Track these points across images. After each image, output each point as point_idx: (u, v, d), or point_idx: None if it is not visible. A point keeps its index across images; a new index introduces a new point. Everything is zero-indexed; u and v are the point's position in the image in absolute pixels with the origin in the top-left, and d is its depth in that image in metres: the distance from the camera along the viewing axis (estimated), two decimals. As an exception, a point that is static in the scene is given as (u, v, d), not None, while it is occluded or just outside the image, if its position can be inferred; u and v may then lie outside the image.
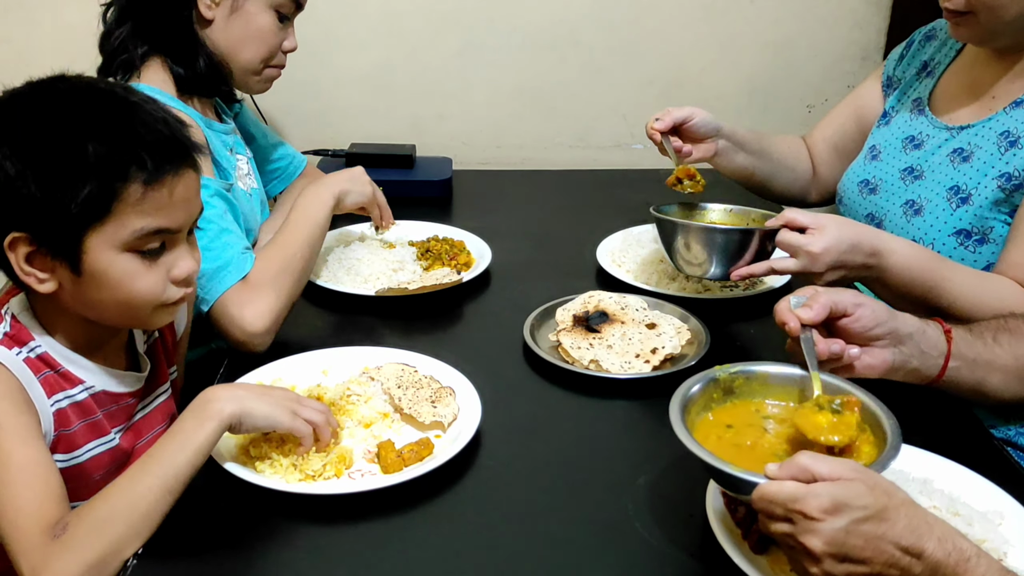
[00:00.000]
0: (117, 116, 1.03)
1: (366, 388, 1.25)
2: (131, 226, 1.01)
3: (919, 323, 1.13)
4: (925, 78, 1.62)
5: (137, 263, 1.04)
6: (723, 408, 1.06)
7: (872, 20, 2.44)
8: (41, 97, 1.04)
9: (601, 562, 0.99)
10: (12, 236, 1.00)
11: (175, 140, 1.06)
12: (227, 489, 1.06)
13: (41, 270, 1.02)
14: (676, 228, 1.46)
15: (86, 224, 1.00)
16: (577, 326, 1.39)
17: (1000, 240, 1.40)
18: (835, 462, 0.84)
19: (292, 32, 1.59)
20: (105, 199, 0.99)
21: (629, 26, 2.38)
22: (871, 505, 0.81)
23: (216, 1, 1.48)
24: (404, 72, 2.37)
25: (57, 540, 0.93)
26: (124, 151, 1.00)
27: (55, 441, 1.06)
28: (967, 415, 1.26)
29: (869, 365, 1.10)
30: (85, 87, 1.06)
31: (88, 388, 1.10)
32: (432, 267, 1.63)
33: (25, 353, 1.05)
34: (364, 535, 1.02)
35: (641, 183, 2.12)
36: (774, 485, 0.84)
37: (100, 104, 1.04)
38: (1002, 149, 1.40)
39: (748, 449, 1.00)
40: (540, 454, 1.17)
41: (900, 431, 0.95)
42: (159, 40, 1.48)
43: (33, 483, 0.97)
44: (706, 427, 1.03)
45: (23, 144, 0.99)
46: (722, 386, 1.06)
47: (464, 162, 2.31)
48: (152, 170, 1.01)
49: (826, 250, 1.25)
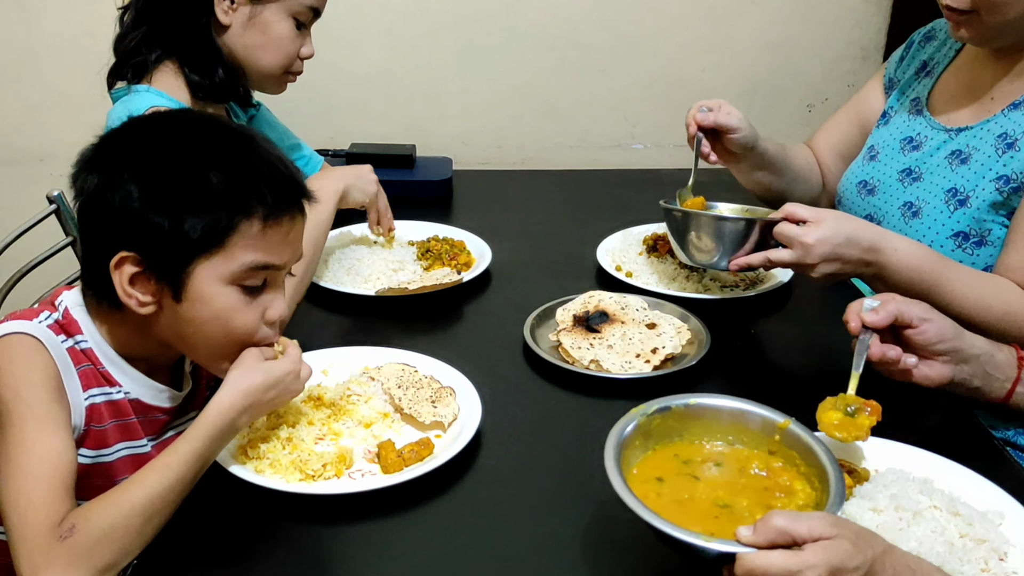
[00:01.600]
0: (240, 150, 1.05)
1: (366, 388, 1.25)
2: (241, 259, 1.03)
3: (989, 346, 1.16)
4: (924, 78, 1.62)
5: (239, 297, 1.05)
6: (646, 458, 1.01)
7: (872, 20, 2.44)
8: (166, 125, 1.07)
9: (601, 562, 0.99)
10: (121, 255, 1.01)
11: (294, 181, 1.08)
12: (227, 489, 1.06)
13: (143, 292, 1.03)
14: (686, 218, 1.48)
15: (198, 252, 1.01)
16: (577, 326, 1.39)
17: (998, 242, 1.39)
18: (811, 519, 0.82)
19: (309, 39, 1.58)
20: (224, 230, 1.01)
21: (630, 26, 2.38)
22: (862, 564, 0.80)
23: (233, 7, 1.47)
24: (404, 72, 2.37)
25: (64, 542, 0.92)
26: (248, 185, 1.02)
27: (84, 435, 1.06)
28: (967, 415, 1.26)
29: (926, 376, 1.13)
30: (209, 119, 1.10)
31: (124, 392, 1.10)
32: (432, 267, 1.63)
33: (70, 343, 1.06)
34: (364, 535, 1.02)
35: (641, 183, 2.12)
36: (761, 557, 0.81)
37: (224, 137, 1.06)
38: (1000, 151, 1.40)
39: (689, 503, 0.96)
40: (540, 454, 1.17)
41: (835, 459, 0.95)
42: (175, 45, 1.48)
43: (51, 477, 0.96)
44: (638, 484, 0.96)
45: (146, 168, 1.01)
46: (641, 432, 1.01)
47: (464, 162, 2.31)
48: (272, 206, 1.03)
49: (820, 241, 1.26)
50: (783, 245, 1.32)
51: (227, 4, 1.47)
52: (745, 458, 1.01)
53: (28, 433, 0.97)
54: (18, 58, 2.27)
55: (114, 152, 1.04)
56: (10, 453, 0.97)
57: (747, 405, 1.03)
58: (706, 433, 1.04)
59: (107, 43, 1.50)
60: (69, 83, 2.29)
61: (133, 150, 1.04)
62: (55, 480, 0.96)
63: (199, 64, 1.48)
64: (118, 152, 1.04)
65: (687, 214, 1.49)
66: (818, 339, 1.49)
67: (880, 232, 1.31)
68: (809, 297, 1.58)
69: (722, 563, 0.84)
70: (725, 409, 1.03)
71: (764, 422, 1.01)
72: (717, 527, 0.91)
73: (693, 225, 1.47)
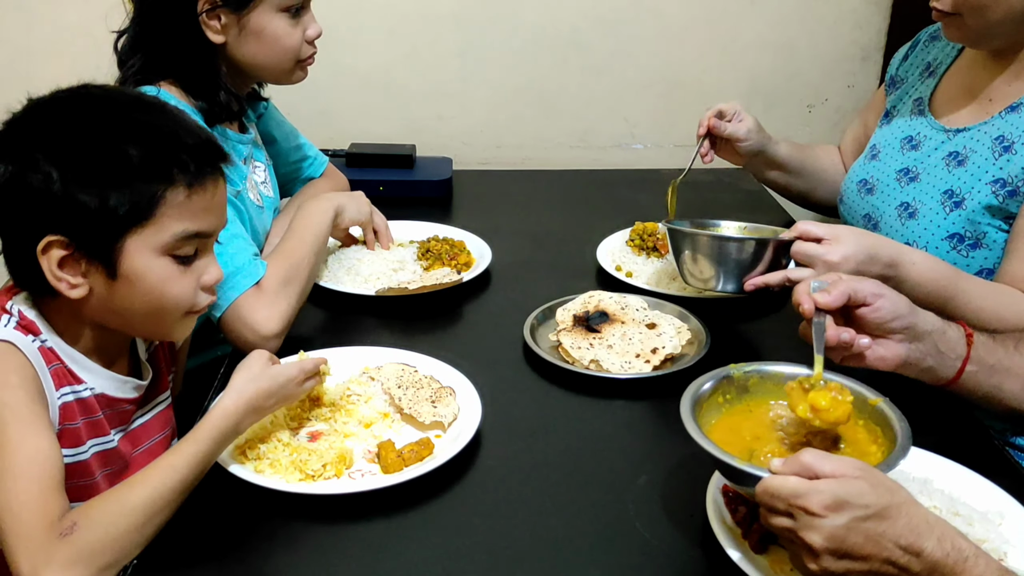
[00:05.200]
0: (155, 120, 1.04)
1: (366, 388, 1.25)
2: (171, 229, 1.02)
3: (940, 323, 1.12)
4: (927, 78, 1.61)
5: (173, 267, 1.04)
6: (735, 408, 1.07)
7: (872, 20, 2.44)
8: (72, 103, 1.05)
9: (601, 562, 0.99)
10: (48, 240, 0.99)
11: (212, 144, 1.07)
12: (227, 489, 1.06)
13: (73, 275, 1.02)
14: (687, 239, 1.41)
15: (128, 226, 1.00)
16: (577, 326, 1.39)
17: (993, 245, 1.39)
18: (839, 460, 0.85)
19: (312, 19, 1.53)
20: (150, 202, 1.00)
21: (630, 27, 2.38)
22: (873, 504, 0.82)
23: (222, 23, 1.44)
24: (404, 72, 2.37)
25: (64, 540, 0.91)
26: (167, 154, 1.01)
27: (60, 434, 1.06)
28: (967, 415, 1.26)
29: (881, 357, 1.09)
30: (117, 93, 1.08)
31: (89, 389, 1.10)
32: (432, 267, 1.63)
33: (38, 343, 1.05)
34: (364, 535, 1.02)
35: (641, 183, 2.12)
36: (777, 479, 0.85)
37: (136, 108, 1.05)
38: (996, 154, 1.39)
39: (756, 443, 1.01)
40: (540, 454, 1.17)
41: (911, 435, 0.95)
42: (174, 72, 1.44)
43: (40, 476, 0.96)
44: (716, 423, 1.04)
45: (62, 148, 0.99)
46: (736, 384, 1.07)
47: (464, 162, 2.30)
48: (194, 173, 1.03)
49: (845, 259, 1.22)
50: (798, 263, 1.28)
51: (215, 24, 1.43)
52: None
53: (12, 435, 0.97)
54: (18, 58, 2.28)
55: (23, 136, 1.02)
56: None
57: (838, 377, 1.04)
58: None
59: (107, 43, 1.49)
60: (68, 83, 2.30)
61: (44, 131, 1.01)
62: (45, 478, 0.96)
63: (200, 89, 1.45)
64: (27, 135, 1.01)
65: (688, 235, 1.41)
66: (818, 339, 1.49)
67: (896, 246, 1.28)
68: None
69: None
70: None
71: (856, 395, 1.02)
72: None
73: (696, 247, 1.39)
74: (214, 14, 1.43)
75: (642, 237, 1.70)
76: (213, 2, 1.42)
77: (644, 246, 1.69)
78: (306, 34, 1.53)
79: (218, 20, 1.44)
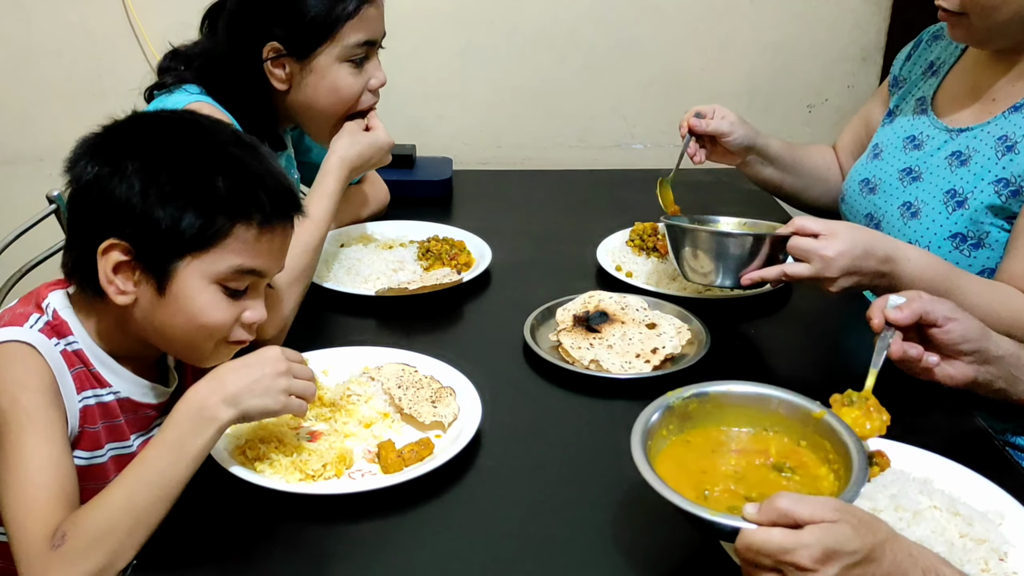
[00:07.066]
0: (247, 157, 1.07)
1: (366, 388, 1.25)
2: (229, 261, 1.04)
3: (1014, 347, 1.14)
4: (930, 78, 1.61)
5: (219, 297, 1.06)
6: (677, 439, 1.03)
7: (872, 20, 2.44)
8: (174, 124, 1.09)
9: (601, 562, 0.99)
10: (111, 242, 1.01)
11: (291, 193, 1.10)
12: (227, 489, 1.06)
13: (125, 282, 1.04)
14: (685, 234, 1.42)
15: (189, 249, 1.03)
16: (577, 326, 1.39)
17: (996, 245, 1.39)
18: (815, 503, 0.83)
19: (376, 66, 1.53)
20: (219, 232, 1.03)
21: (629, 26, 2.38)
22: (859, 548, 0.81)
23: (286, 73, 1.45)
24: (404, 72, 2.36)
25: (57, 551, 0.92)
26: (249, 192, 1.04)
27: (79, 437, 1.06)
28: (967, 415, 1.26)
29: (949, 375, 1.12)
30: (221, 126, 1.12)
31: (115, 392, 1.10)
32: (432, 267, 1.63)
33: (63, 345, 1.06)
34: (364, 535, 1.02)
35: (641, 183, 2.11)
36: (760, 534, 0.82)
37: (233, 143, 1.08)
38: (999, 154, 1.40)
39: (704, 478, 0.98)
40: (540, 454, 1.17)
41: (863, 448, 0.95)
42: (235, 107, 1.45)
43: (49, 484, 0.97)
44: (661, 458, 0.99)
45: (151, 163, 1.02)
46: (676, 414, 1.03)
47: (464, 162, 2.30)
48: (268, 215, 1.05)
49: (840, 254, 1.24)
50: (794, 259, 1.29)
51: (280, 72, 1.45)
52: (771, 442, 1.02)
53: (27, 441, 0.98)
54: (17, 58, 2.27)
55: (120, 143, 1.05)
56: (9, 460, 0.97)
57: (780, 393, 1.03)
58: (735, 420, 1.04)
59: (107, 43, 1.49)
60: (69, 83, 2.29)
61: (141, 143, 1.05)
62: (54, 487, 0.97)
63: (260, 130, 1.45)
64: (124, 144, 1.05)
65: (687, 231, 1.43)
66: (818, 339, 1.49)
67: (892, 242, 1.29)
68: (809, 297, 1.58)
69: (729, 537, 0.86)
70: (753, 395, 1.04)
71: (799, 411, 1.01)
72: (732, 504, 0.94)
73: (694, 242, 1.41)
74: (279, 62, 1.45)
75: (642, 237, 1.70)
76: (278, 50, 1.43)
77: (644, 246, 1.69)
78: (369, 84, 1.52)
79: (283, 68, 1.45)
